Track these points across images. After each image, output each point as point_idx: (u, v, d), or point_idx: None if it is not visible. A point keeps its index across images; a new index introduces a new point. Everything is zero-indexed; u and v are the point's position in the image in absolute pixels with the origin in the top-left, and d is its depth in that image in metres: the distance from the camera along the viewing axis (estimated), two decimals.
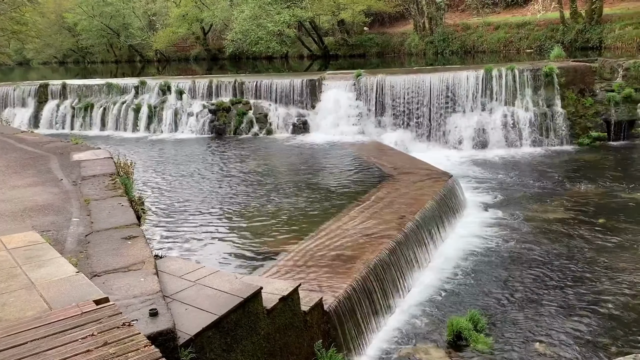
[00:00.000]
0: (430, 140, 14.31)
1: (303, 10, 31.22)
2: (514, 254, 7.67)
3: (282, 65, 33.65)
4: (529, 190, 10.46)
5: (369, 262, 6.17)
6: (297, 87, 16.01)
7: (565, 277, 6.93)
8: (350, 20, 34.15)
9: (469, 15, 33.60)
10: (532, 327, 5.82)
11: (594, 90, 14.28)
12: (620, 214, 8.95)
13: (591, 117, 14.01)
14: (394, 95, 14.66)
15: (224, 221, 8.29)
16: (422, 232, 7.53)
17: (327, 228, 7.45)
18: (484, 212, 9.38)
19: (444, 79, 14.34)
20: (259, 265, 6.43)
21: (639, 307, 6.12)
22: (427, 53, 31.00)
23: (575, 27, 24.83)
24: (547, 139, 13.91)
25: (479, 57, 27.09)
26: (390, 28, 37.36)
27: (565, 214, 9.16)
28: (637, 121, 13.83)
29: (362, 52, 35.17)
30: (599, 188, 10.32)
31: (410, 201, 8.33)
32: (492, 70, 14.21)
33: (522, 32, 27.98)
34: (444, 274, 7.12)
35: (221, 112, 16.51)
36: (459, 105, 14.23)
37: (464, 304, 6.33)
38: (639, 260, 7.26)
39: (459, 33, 30.78)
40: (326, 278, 5.85)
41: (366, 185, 9.74)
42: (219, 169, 12.04)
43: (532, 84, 14.22)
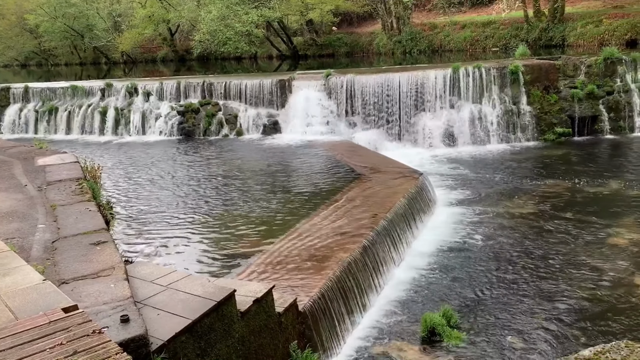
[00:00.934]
0: (400, 138, 14.43)
1: (271, 11, 31.13)
2: (484, 250, 7.79)
3: (251, 66, 33.47)
4: (498, 186, 10.64)
5: (342, 261, 6.18)
6: (267, 88, 15.94)
7: (536, 270, 7.07)
8: (319, 20, 34.21)
9: (435, 15, 34.04)
10: (504, 321, 5.92)
11: (558, 87, 14.62)
12: (587, 208, 9.18)
13: (556, 113, 14.34)
14: (364, 95, 14.73)
15: (196, 224, 8.19)
16: (395, 229, 7.58)
17: (300, 228, 7.44)
18: (455, 208, 9.50)
19: (412, 78, 14.47)
20: (232, 267, 6.37)
21: (606, 298, 6.28)
22: (396, 52, 31.27)
23: (539, 25, 25.40)
24: (514, 135, 14.19)
25: (446, 56, 27.47)
26: (358, 28, 37.56)
27: (533, 208, 9.35)
28: (599, 117, 14.22)
29: (331, 52, 35.26)
30: (565, 183, 10.57)
31: (382, 200, 8.38)
32: (460, 68, 14.41)
33: (487, 31, 28.47)
34: (417, 270, 7.19)
35: (190, 113, 16.31)
36: (428, 104, 14.39)
37: (438, 300, 6.40)
38: (606, 252, 7.46)
39: (426, 32, 31.14)
40: (300, 278, 5.84)
41: (338, 185, 9.76)
42: (188, 172, 11.89)
43: (499, 82, 14.48)
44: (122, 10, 44.81)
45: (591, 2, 28.21)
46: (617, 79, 14.46)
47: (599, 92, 14.29)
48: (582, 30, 23.86)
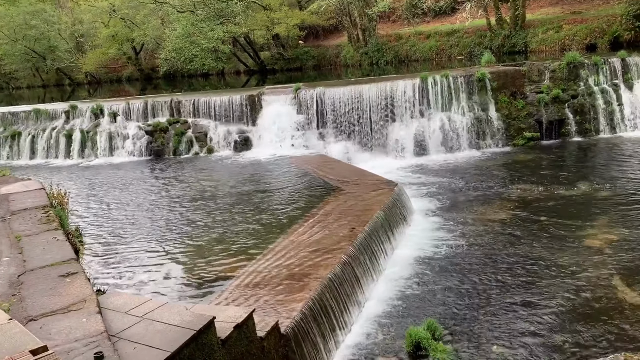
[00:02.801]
0: (373, 150, 14.43)
1: (237, 26, 31.02)
2: (463, 258, 7.77)
3: (219, 82, 33.24)
4: (472, 193, 10.69)
5: (322, 278, 6.05)
6: (236, 104, 15.79)
7: (515, 276, 7.06)
8: (285, 35, 34.24)
9: (400, 26, 34.45)
10: (488, 330, 5.87)
11: (524, 92, 14.86)
12: (560, 211, 9.28)
13: (524, 118, 14.56)
14: (335, 107, 14.71)
15: (170, 248, 7.96)
16: (374, 242, 7.50)
17: (278, 246, 7.29)
18: (431, 217, 9.49)
19: (382, 89, 14.52)
20: (210, 292, 6.17)
21: (586, 302, 6.30)
22: (363, 64, 31.48)
23: (502, 33, 25.92)
24: (484, 141, 14.34)
25: (413, 66, 27.77)
26: (325, 41, 37.74)
27: (508, 214, 9.40)
28: (566, 120, 14.50)
29: (299, 66, 35.30)
30: (537, 187, 10.68)
31: (359, 212, 8.30)
32: (428, 78, 14.53)
33: (452, 40, 28.92)
34: (398, 283, 7.11)
35: (158, 133, 16.02)
36: (398, 114, 14.45)
37: (421, 313, 6.32)
38: (583, 255, 7.52)
39: (392, 43, 31.46)
40: (281, 299, 5.68)
41: (314, 199, 9.65)
42: (159, 193, 11.62)
43: (466, 90, 14.65)
44: (85, 30, 44.07)
45: (550, 8, 28.97)
46: (581, 82, 14.80)
47: (564, 96, 14.58)
48: (543, 37, 24.44)
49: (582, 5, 27.81)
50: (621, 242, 7.78)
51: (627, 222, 8.50)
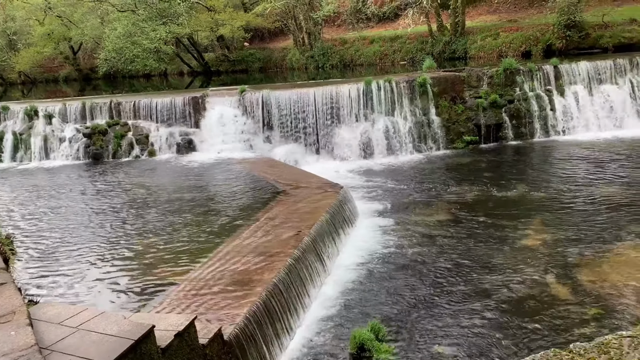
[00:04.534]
0: (319, 152, 14.49)
1: (180, 27, 30.41)
2: (407, 259, 7.91)
3: (162, 83, 32.48)
4: (414, 195, 10.92)
5: (267, 282, 6.00)
6: (179, 105, 15.46)
7: (456, 276, 7.25)
8: (230, 36, 33.89)
9: (345, 30, 34.80)
10: (431, 330, 6.00)
11: (464, 97, 15.34)
12: (497, 212, 9.62)
13: (463, 122, 15.02)
14: (281, 110, 14.69)
15: (109, 256, 7.67)
16: (319, 245, 7.51)
17: (222, 251, 7.17)
18: (376, 219, 9.62)
19: (327, 92, 14.62)
20: (151, 300, 5.99)
21: (522, 300, 6.55)
22: (309, 67, 31.60)
23: (443, 39, 26.66)
24: (426, 145, 14.69)
25: (358, 70, 28.11)
26: (270, 43, 37.62)
27: (449, 215, 9.66)
28: (503, 124, 15.07)
29: (244, 68, 35.00)
30: (476, 188, 11.03)
31: (305, 215, 8.30)
32: (372, 82, 14.75)
33: (395, 45, 29.48)
34: (343, 285, 7.15)
35: (97, 135, 15.46)
36: (343, 117, 14.58)
37: (365, 314, 6.38)
38: (518, 254, 7.81)
39: (337, 47, 31.73)
40: (224, 305, 5.59)
41: (259, 203, 9.57)
42: (98, 198, 11.19)
43: (409, 95, 14.97)
44: (18, 27, 41.99)
45: (488, 16, 30.06)
46: (517, 88, 15.43)
47: (501, 101, 15.15)
48: (482, 43, 25.31)
49: (518, 14, 29.01)
50: (554, 241, 8.14)
51: (559, 222, 8.91)
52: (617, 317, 5.98)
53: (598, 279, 6.86)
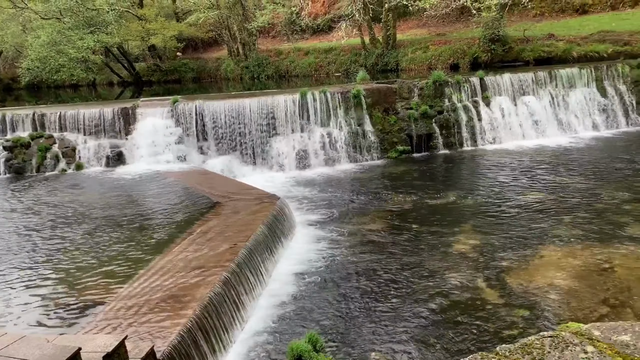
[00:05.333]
0: (255, 163, 14.39)
1: (109, 36, 29.48)
2: (344, 268, 7.97)
3: (90, 94, 31.25)
4: (351, 204, 11.04)
5: (202, 297, 5.86)
6: (108, 117, 14.91)
7: (391, 283, 7.37)
8: (162, 46, 33.17)
9: (280, 42, 34.96)
10: (368, 338, 6.05)
11: (396, 108, 15.73)
12: (430, 219, 9.89)
13: (396, 133, 15.39)
14: (215, 121, 14.48)
15: (32, 276, 7.23)
16: (256, 258, 7.42)
17: (155, 266, 6.94)
18: (313, 230, 9.64)
19: (263, 102, 14.58)
20: (78, 320, 5.69)
21: (454, 304, 6.74)
22: (244, 78, 31.43)
23: (375, 52, 27.29)
24: (361, 155, 14.93)
25: (294, 81, 28.25)
26: (204, 53, 37.15)
27: (384, 223, 9.83)
28: (434, 134, 15.56)
29: (177, 78, 34.32)
30: (409, 197, 11.31)
31: (241, 227, 8.19)
32: (307, 93, 14.85)
33: (330, 57, 29.89)
34: (280, 298, 7.09)
35: (19, 148, 14.63)
36: (280, 128, 14.58)
37: (303, 326, 6.35)
38: (450, 260, 8.05)
39: (272, 58, 31.78)
40: (157, 322, 5.40)
41: (193, 215, 9.36)
42: (20, 214, 10.57)
43: (344, 106, 15.18)
44: None
45: (418, 30, 31.09)
46: (446, 99, 16.00)
47: (431, 112, 15.66)
48: (412, 56, 26.11)
49: (445, 28, 30.21)
50: (483, 246, 8.46)
51: (488, 227, 9.28)
52: (543, 317, 6.28)
53: (524, 282, 7.19)
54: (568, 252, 8.06)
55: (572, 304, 6.55)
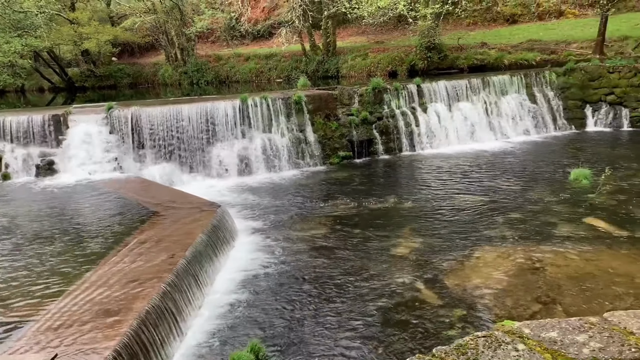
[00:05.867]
0: (195, 171, 14.11)
1: (38, 40, 28.14)
2: (287, 275, 7.93)
3: (18, 100, 29.70)
4: (293, 211, 11.02)
5: (139, 311, 5.66)
6: (38, 124, 14.21)
7: (335, 288, 7.40)
8: (96, 51, 32.01)
9: (220, 47, 34.57)
10: (312, 344, 6.03)
11: (337, 115, 15.88)
12: (372, 223, 10.02)
13: (338, 139, 15.53)
14: (153, 127, 14.09)
15: None
16: (196, 268, 7.26)
17: (88, 280, 6.65)
18: (256, 237, 9.54)
19: (202, 109, 14.33)
20: (3, 340, 5.35)
21: (395, 307, 6.84)
22: (183, 83, 30.84)
23: (316, 58, 27.49)
24: (303, 161, 14.96)
25: (234, 87, 27.99)
26: (141, 58, 36.18)
27: (327, 229, 9.87)
28: (374, 140, 15.82)
29: (112, 83, 33.23)
30: (351, 201, 11.42)
31: (180, 237, 7.99)
32: (248, 99, 14.74)
33: (270, 63, 29.84)
34: (222, 308, 6.96)
35: None
36: (220, 134, 14.38)
37: (246, 335, 6.26)
38: (391, 263, 8.18)
39: (212, 64, 31.37)
40: (91, 338, 5.16)
41: (130, 226, 9.04)
42: None
43: (285, 112, 15.17)
44: None
45: (357, 37, 31.59)
46: (385, 106, 16.31)
47: (371, 118, 15.92)
48: (352, 63, 26.49)
49: (384, 36, 30.86)
50: (422, 249, 8.65)
51: (427, 230, 9.50)
52: (479, 316, 6.47)
53: (461, 282, 7.40)
54: (502, 252, 8.36)
55: (506, 302, 6.79)
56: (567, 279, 7.32)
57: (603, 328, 2.94)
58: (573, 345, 2.77)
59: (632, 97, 17.98)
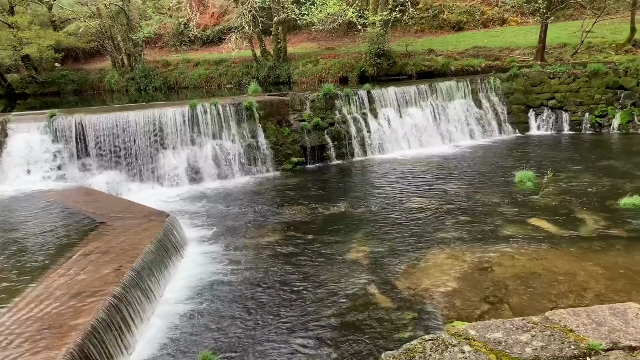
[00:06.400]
0: (143, 179, 13.76)
1: None
2: (239, 284, 7.82)
3: None
4: (245, 218, 10.91)
5: (84, 326, 5.44)
6: None
7: (289, 295, 7.35)
8: (38, 56, 30.84)
9: (168, 52, 33.95)
10: (265, 352, 5.96)
11: (289, 120, 15.87)
12: (325, 229, 10.04)
13: (290, 144, 15.52)
14: (98, 135, 13.66)
15: None
16: (144, 280, 7.05)
17: (29, 295, 6.34)
18: (206, 247, 9.38)
19: (150, 115, 14.01)
20: None
21: (349, 311, 6.86)
22: (130, 89, 30.09)
23: (267, 64, 27.40)
24: (256, 167, 14.85)
25: (183, 93, 27.54)
26: (86, 64, 35.11)
27: (280, 236, 9.82)
28: (326, 145, 15.89)
29: (56, 90, 32.07)
30: (304, 207, 11.41)
31: (127, 248, 7.75)
32: (197, 105, 14.52)
33: (220, 69, 29.55)
34: (172, 320, 6.79)
35: None
36: (169, 141, 14.09)
37: (196, 347, 6.12)
38: (344, 268, 8.20)
39: (160, 69, 30.78)
40: (33, 354, 4.92)
41: (74, 238, 8.70)
42: None
43: (236, 118, 15.03)
44: None
45: (308, 43, 31.72)
46: (336, 111, 16.43)
47: (323, 124, 16.00)
48: (303, 69, 26.56)
49: (334, 42, 31.11)
50: (375, 253, 8.73)
51: (379, 234, 9.60)
52: (430, 318, 6.58)
53: (412, 285, 7.50)
54: (452, 253, 8.54)
55: (456, 303, 6.93)
56: (514, 278, 7.54)
57: (545, 327, 3.04)
58: (517, 345, 2.84)
59: (572, 102, 18.81)
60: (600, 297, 6.84)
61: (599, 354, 2.81)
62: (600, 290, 7.04)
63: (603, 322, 3.13)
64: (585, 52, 22.29)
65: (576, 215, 10.09)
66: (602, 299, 6.76)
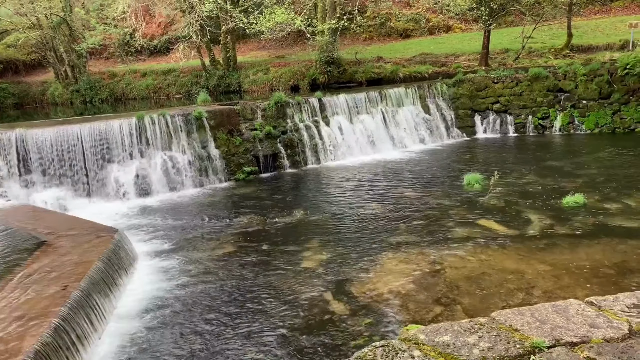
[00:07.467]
0: (90, 194, 13.33)
1: None
2: (194, 298, 7.67)
3: None
4: (198, 230, 10.73)
5: (28, 350, 5.20)
6: None
7: (244, 306, 7.26)
8: None
9: (114, 63, 33.15)
10: None
11: (240, 130, 15.75)
12: (280, 238, 9.99)
13: (242, 154, 15.40)
14: (41, 150, 13.15)
15: None
16: (92, 299, 6.81)
17: None
18: (158, 261, 9.16)
19: (95, 128, 13.61)
20: None
21: (305, 320, 6.84)
22: (75, 102, 29.17)
23: (217, 73, 27.15)
24: (207, 178, 14.65)
25: (131, 104, 26.91)
26: (27, 77, 33.79)
27: (233, 247, 9.70)
28: (279, 154, 15.85)
29: None
30: (258, 217, 11.33)
31: (73, 267, 7.47)
32: (144, 117, 14.21)
33: (169, 79, 29.07)
34: (123, 338, 6.58)
35: None
36: (116, 155, 13.72)
37: None
38: (299, 277, 8.18)
39: (106, 81, 29.99)
40: None
41: (17, 257, 8.31)
42: None
43: (185, 128, 14.80)
44: None
45: (258, 52, 31.66)
46: (288, 119, 16.43)
47: (275, 132, 15.96)
48: (254, 77, 26.47)
49: (285, 50, 31.18)
50: (330, 261, 8.75)
51: (333, 241, 9.63)
52: (386, 322, 6.63)
53: (368, 291, 7.55)
54: (405, 258, 8.66)
55: (410, 307, 7.02)
56: (465, 279, 7.71)
57: (491, 327, 3.12)
58: (464, 347, 2.90)
59: (515, 105, 19.50)
60: (548, 294, 7.09)
61: (542, 352, 2.90)
62: (547, 287, 7.29)
63: (546, 320, 3.24)
64: (526, 57, 23.19)
65: (522, 215, 10.43)
66: (549, 296, 7.00)
